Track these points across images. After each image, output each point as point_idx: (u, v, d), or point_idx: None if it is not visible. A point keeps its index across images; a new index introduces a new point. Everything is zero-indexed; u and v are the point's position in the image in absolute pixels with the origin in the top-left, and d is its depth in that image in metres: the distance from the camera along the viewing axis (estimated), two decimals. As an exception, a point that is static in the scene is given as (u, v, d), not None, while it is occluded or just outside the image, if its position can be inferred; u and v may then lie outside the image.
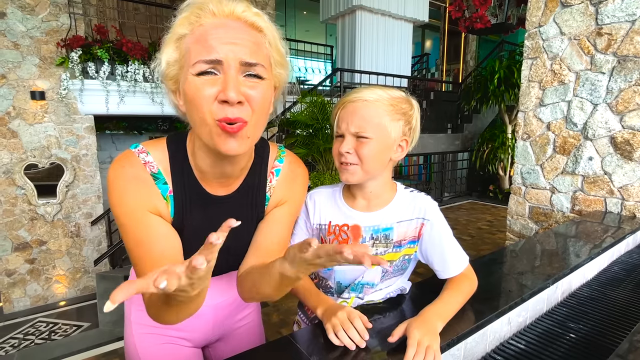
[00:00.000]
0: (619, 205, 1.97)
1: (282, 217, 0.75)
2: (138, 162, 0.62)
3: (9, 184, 3.69)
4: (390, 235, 0.80)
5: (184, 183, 0.66)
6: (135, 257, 0.61)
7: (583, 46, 2.04)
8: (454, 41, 9.40)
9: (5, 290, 3.82)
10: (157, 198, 0.63)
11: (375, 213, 0.81)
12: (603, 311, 1.07)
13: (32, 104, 3.69)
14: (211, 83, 0.54)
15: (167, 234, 0.63)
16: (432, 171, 7.28)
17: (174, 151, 0.66)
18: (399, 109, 0.75)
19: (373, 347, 0.70)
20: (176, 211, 0.65)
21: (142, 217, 0.61)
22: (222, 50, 0.53)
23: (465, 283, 0.82)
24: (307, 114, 4.05)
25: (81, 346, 2.36)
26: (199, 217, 0.68)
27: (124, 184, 0.61)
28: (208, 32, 0.54)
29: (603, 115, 1.99)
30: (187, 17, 0.56)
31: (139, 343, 0.79)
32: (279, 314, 2.60)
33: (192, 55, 0.54)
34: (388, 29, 6.27)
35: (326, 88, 6.05)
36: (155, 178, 0.63)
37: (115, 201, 0.61)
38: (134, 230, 0.61)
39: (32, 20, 3.61)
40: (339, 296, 0.86)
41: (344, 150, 0.74)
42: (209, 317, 0.82)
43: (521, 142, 2.42)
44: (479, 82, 5.99)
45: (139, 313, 0.79)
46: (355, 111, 0.74)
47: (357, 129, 0.73)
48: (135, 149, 0.64)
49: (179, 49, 0.57)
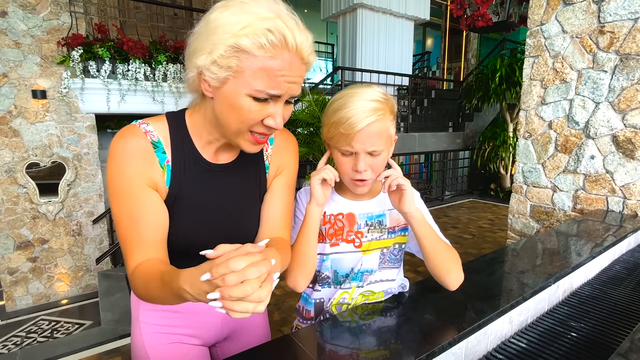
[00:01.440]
0: (621, 204, 1.96)
1: (282, 187, 0.80)
2: (139, 131, 0.66)
3: (10, 183, 3.70)
4: (383, 222, 0.85)
5: (183, 152, 0.69)
6: (124, 227, 0.64)
7: (585, 44, 2.03)
8: (455, 39, 9.37)
9: (8, 288, 3.83)
10: (156, 168, 0.67)
11: (367, 202, 0.86)
12: (604, 310, 1.07)
13: (33, 102, 3.69)
14: (261, 107, 0.60)
15: (157, 209, 0.66)
16: (433, 170, 7.27)
17: (174, 123, 0.70)
18: (393, 109, 0.79)
19: (372, 346, 0.70)
20: (173, 180, 0.68)
21: (138, 189, 0.64)
22: (284, 88, 0.60)
23: (456, 253, 0.82)
24: (308, 113, 4.04)
25: (83, 344, 2.37)
26: (199, 185, 0.71)
27: (126, 155, 0.64)
28: (277, 69, 0.58)
29: (605, 114, 1.98)
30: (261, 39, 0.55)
31: (147, 342, 0.79)
32: (280, 312, 2.61)
33: (256, 82, 0.58)
34: (389, 27, 6.25)
35: (327, 86, 6.04)
36: (155, 146, 0.67)
37: (115, 171, 0.64)
38: (128, 201, 0.64)
39: (33, 19, 3.61)
40: (339, 287, 0.86)
41: (362, 169, 0.76)
42: (218, 315, 0.82)
43: (523, 141, 2.42)
44: (480, 80, 5.97)
45: (148, 312, 0.80)
46: (370, 133, 0.74)
47: (372, 147, 0.75)
48: (136, 122, 0.68)
49: (238, 60, 0.57)
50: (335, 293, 0.86)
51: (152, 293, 0.59)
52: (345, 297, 0.86)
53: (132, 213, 0.64)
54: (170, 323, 0.80)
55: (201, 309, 0.80)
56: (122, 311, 2.83)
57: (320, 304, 0.88)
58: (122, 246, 0.65)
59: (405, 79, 6.31)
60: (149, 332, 0.79)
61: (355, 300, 0.86)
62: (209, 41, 0.58)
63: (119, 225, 0.65)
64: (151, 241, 0.64)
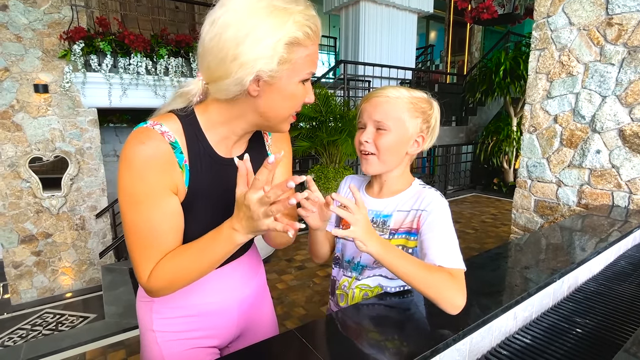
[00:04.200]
0: (627, 199, 1.95)
1: (283, 174, 0.84)
2: (156, 134, 0.63)
3: (14, 177, 3.71)
4: (388, 222, 0.84)
5: (199, 150, 0.69)
6: (140, 234, 0.63)
7: (592, 37, 2.00)
8: (459, 32, 9.26)
9: (13, 282, 3.87)
10: (176, 170, 0.65)
11: (383, 200, 0.86)
12: (609, 306, 1.06)
13: (35, 97, 3.69)
14: (304, 88, 0.68)
15: (176, 214, 0.66)
16: (436, 164, 7.24)
17: (186, 122, 0.68)
18: (419, 107, 0.81)
19: (376, 342, 0.69)
20: (191, 179, 0.68)
21: (159, 196, 0.63)
22: (317, 66, 0.68)
23: (445, 276, 0.69)
24: (311, 107, 4.01)
25: (88, 337, 2.39)
26: (215, 182, 0.71)
27: (147, 161, 0.61)
28: (314, 53, 0.66)
29: (612, 108, 1.95)
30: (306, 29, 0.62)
31: (166, 351, 0.76)
32: (283, 307, 2.62)
33: (305, 67, 0.64)
34: (392, 20, 6.18)
35: (330, 80, 6.00)
36: (173, 147, 0.65)
37: (135, 178, 0.61)
38: (148, 208, 0.62)
39: (34, 13, 3.59)
40: (343, 271, 0.91)
41: (364, 139, 0.81)
42: (234, 313, 0.82)
43: (527, 135, 2.40)
44: (484, 74, 5.91)
45: (162, 321, 0.77)
46: (378, 105, 0.81)
47: (378, 119, 0.80)
48: (147, 124, 0.65)
49: (294, 53, 0.62)
50: (341, 277, 0.91)
51: (186, 270, 0.64)
52: (345, 285, 0.89)
53: (151, 220, 0.63)
54: (187, 328, 0.78)
55: (216, 310, 0.80)
56: (125, 305, 2.85)
57: (334, 282, 0.94)
58: (134, 252, 0.64)
59: (408, 72, 6.26)
60: (166, 341, 0.77)
61: (353, 292, 0.87)
62: (264, 46, 0.58)
63: (136, 233, 0.63)
64: (169, 247, 0.65)
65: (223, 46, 0.59)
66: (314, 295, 2.80)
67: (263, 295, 0.93)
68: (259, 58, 0.59)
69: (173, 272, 0.64)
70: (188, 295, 0.76)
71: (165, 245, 0.65)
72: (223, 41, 0.59)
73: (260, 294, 0.91)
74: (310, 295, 2.80)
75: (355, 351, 0.67)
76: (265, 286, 0.95)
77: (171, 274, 0.64)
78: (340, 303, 0.91)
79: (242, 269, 0.83)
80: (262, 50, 0.58)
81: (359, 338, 0.71)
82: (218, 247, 0.63)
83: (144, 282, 0.64)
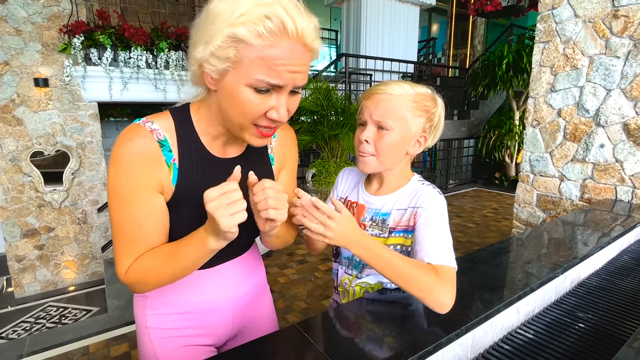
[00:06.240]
0: (630, 194, 1.93)
1: (287, 180, 0.83)
2: (145, 131, 0.64)
3: (15, 172, 3.71)
4: (387, 221, 0.83)
5: (190, 149, 0.68)
6: (125, 230, 0.64)
7: (598, 29, 1.97)
8: (462, 25, 9.17)
9: (16, 275, 3.89)
10: (162, 169, 0.65)
11: (381, 197, 0.85)
12: (612, 301, 1.06)
13: (36, 91, 3.67)
14: (263, 99, 0.58)
15: (160, 212, 0.66)
16: (437, 158, 7.21)
17: (180, 119, 0.68)
18: (422, 105, 0.78)
19: (379, 337, 0.69)
20: (180, 178, 0.67)
21: (144, 194, 0.63)
22: (286, 78, 0.56)
23: (431, 273, 0.68)
24: (312, 101, 3.99)
25: (91, 330, 2.41)
26: (207, 181, 0.68)
27: (132, 158, 0.62)
28: (277, 58, 0.54)
29: (616, 101, 1.93)
30: (257, 27, 0.52)
31: (158, 348, 0.76)
32: (285, 300, 2.63)
33: (255, 71, 0.55)
34: (394, 12, 6.12)
35: (331, 74, 5.96)
36: (161, 145, 0.64)
37: (121, 175, 0.62)
38: (133, 205, 0.63)
39: (33, 6, 3.56)
40: (344, 268, 0.91)
41: (364, 138, 0.78)
42: (229, 311, 0.81)
43: (530, 129, 2.38)
44: (486, 67, 5.86)
45: (156, 317, 0.77)
46: (379, 102, 0.77)
47: (379, 118, 0.76)
48: (140, 121, 0.65)
49: (236, 50, 0.54)
50: (342, 274, 0.90)
51: (159, 268, 0.64)
52: (346, 283, 0.89)
53: (136, 217, 0.63)
54: (181, 325, 0.77)
55: (211, 308, 0.79)
56: (127, 298, 2.87)
57: (335, 278, 0.94)
58: (116, 245, 0.65)
59: (410, 65, 6.22)
60: (159, 338, 0.77)
61: (353, 290, 0.87)
62: (207, 32, 0.56)
63: (120, 228, 0.64)
64: (152, 244, 0.65)
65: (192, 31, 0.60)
66: (315, 289, 2.81)
67: (262, 293, 0.92)
68: (197, 43, 0.58)
69: (148, 269, 0.64)
70: (182, 292, 0.76)
71: (148, 242, 0.65)
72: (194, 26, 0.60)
73: (258, 293, 0.90)
74: (312, 289, 2.81)
75: (357, 346, 0.67)
76: (265, 285, 0.94)
77: (146, 271, 0.64)
78: (342, 300, 0.91)
79: (239, 268, 0.83)
80: (202, 36, 0.57)
81: (361, 332, 0.71)
82: (191, 250, 0.62)
83: (122, 276, 0.65)
